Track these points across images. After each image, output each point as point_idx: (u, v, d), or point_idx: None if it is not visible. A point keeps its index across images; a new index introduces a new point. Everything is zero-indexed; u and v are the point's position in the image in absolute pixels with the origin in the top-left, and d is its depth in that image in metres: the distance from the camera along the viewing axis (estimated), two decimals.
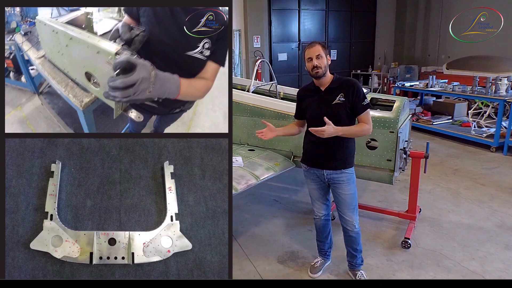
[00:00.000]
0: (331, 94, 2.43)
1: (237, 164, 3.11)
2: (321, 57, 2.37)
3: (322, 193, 2.66)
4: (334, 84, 2.45)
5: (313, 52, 2.37)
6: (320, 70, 2.37)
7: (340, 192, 2.54)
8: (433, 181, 4.61)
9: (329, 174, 2.53)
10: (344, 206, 2.56)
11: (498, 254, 3.04)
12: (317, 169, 2.56)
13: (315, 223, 2.77)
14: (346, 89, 2.41)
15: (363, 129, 2.42)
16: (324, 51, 2.39)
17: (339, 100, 2.40)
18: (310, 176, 2.64)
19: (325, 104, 2.43)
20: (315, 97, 2.50)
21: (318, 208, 2.71)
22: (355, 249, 2.68)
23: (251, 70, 8.99)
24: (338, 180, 2.53)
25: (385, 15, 11.49)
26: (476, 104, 6.69)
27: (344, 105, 2.40)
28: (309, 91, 2.57)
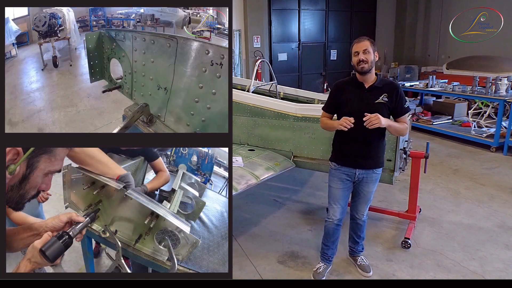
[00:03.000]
0: (375, 92, 2.43)
1: (237, 164, 3.10)
2: (368, 52, 2.36)
3: (345, 194, 2.64)
4: (379, 84, 2.45)
5: (360, 47, 2.36)
6: (366, 65, 2.36)
7: (365, 190, 2.60)
8: (433, 181, 4.61)
9: (361, 173, 2.54)
10: (363, 201, 2.67)
11: (498, 254, 3.04)
12: (349, 168, 2.54)
13: (326, 225, 2.74)
14: (390, 90, 2.42)
15: (404, 127, 2.46)
16: (373, 47, 2.38)
17: (382, 99, 2.41)
18: (338, 175, 2.60)
19: (367, 101, 2.42)
20: (357, 92, 2.47)
21: (334, 211, 2.66)
22: (359, 236, 2.78)
23: (251, 70, 8.98)
24: (367, 180, 2.56)
25: (385, 15, 11.48)
26: (476, 104, 6.69)
27: (385, 106, 2.41)
28: (350, 85, 2.52)
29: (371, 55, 2.37)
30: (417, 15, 10.85)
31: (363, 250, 2.86)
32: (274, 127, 3.54)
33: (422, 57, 10.86)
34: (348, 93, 2.50)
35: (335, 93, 2.59)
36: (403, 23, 11.03)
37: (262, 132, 3.62)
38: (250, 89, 4.12)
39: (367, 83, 2.45)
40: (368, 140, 2.45)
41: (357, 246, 2.82)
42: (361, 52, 2.35)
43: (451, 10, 9.68)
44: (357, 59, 2.37)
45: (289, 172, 3.46)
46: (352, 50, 2.42)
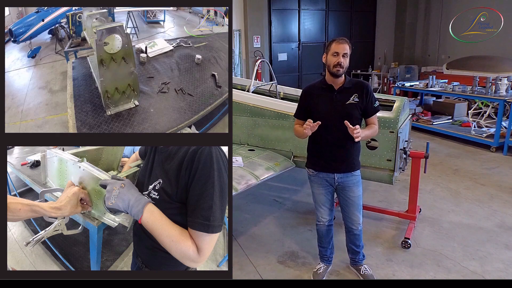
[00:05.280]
0: (345, 94, 2.41)
1: (237, 164, 3.10)
2: (346, 56, 2.34)
3: (328, 198, 2.63)
4: (348, 84, 2.43)
5: (342, 49, 2.31)
6: (342, 70, 2.34)
7: (351, 196, 2.54)
8: (433, 181, 4.61)
9: (339, 177, 2.51)
10: (353, 208, 2.57)
11: (498, 254, 3.04)
12: (327, 173, 2.52)
13: (318, 228, 2.74)
14: (360, 90, 2.41)
15: (374, 131, 2.46)
16: (350, 52, 2.36)
17: (353, 100, 2.39)
18: (318, 181, 2.59)
19: (338, 104, 2.40)
20: (327, 95, 2.44)
21: (322, 214, 2.66)
22: (358, 245, 2.71)
23: (251, 70, 8.99)
24: (348, 184, 2.52)
25: (385, 15, 11.48)
26: (476, 104, 6.70)
27: (357, 106, 2.39)
28: (319, 89, 2.48)
29: (347, 60, 2.35)
30: (417, 15, 10.86)
31: (365, 258, 2.79)
32: (274, 127, 3.54)
33: (422, 57, 10.87)
34: (318, 97, 2.47)
35: (304, 98, 2.55)
36: (403, 23, 11.04)
37: (262, 132, 3.63)
38: (250, 89, 4.12)
39: (337, 85, 2.42)
40: (342, 143, 2.42)
41: (358, 255, 2.75)
42: (341, 55, 2.31)
43: (451, 10, 9.69)
44: (336, 61, 2.32)
45: (289, 172, 3.46)
46: (330, 48, 2.35)
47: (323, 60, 2.43)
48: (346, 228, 2.67)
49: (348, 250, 2.78)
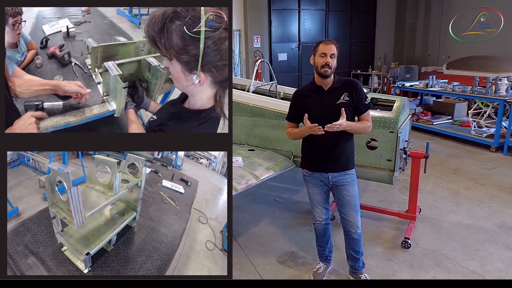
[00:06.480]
0: (335, 93, 2.42)
1: (237, 164, 3.10)
2: (334, 57, 2.36)
3: (324, 198, 2.63)
4: (337, 84, 2.44)
5: (329, 50, 2.34)
6: (330, 70, 2.36)
7: (345, 194, 2.53)
8: (433, 181, 4.61)
9: (334, 177, 2.51)
10: (349, 208, 2.55)
11: (498, 254, 3.04)
12: (321, 172, 2.53)
13: (315, 228, 2.74)
14: (350, 89, 2.42)
15: (365, 126, 2.46)
16: (337, 53, 2.38)
17: (344, 99, 2.40)
18: (312, 181, 2.60)
19: (329, 104, 2.42)
20: (317, 97, 2.46)
21: (319, 213, 2.67)
22: (357, 251, 2.65)
23: (251, 70, 8.98)
24: (342, 182, 2.52)
25: (385, 15, 11.48)
26: (476, 104, 6.70)
27: (348, 105, 2.40)
28: (309, 91, 2.51)
29: (335, 60, 2.38)
30: (417, 15, 10.86)
31: (364, 266, 2.74)
32: (274, 127, 3.54)
33: (422, 57, 10.87)
34: (308, 99, 2.49)
35: (296, 101, 2.56)
36: (403, 23, 11.04)
37: (262, 132, 3.63)
38: (250, 89, 4.12)
39: (326, 85, 2.44)
40: (335, 143, 2.44)
41: (358, 263, 2.70)
42: (329, 55, 2.34)
43: (451, 10, 9.68)
44: (324, 61, 2.34)
45: (289, 172, 3.46)
46: (317, 50, 2.38)
47: (311, 61, 2.45)
48: (345, 232, 2.64)
49: (348, 256, 2.73)
